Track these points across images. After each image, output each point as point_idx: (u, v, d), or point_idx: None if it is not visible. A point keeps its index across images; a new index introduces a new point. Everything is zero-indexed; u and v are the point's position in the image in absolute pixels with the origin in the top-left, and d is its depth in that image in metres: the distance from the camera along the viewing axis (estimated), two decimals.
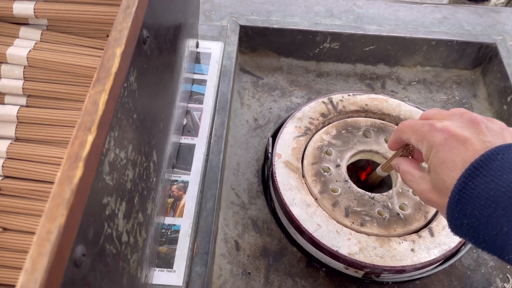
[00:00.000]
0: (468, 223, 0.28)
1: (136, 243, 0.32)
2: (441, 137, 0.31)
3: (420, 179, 0.34)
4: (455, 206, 0.29)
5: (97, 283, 0.25)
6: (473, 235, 0.28)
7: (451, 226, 0.30)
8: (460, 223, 0.29)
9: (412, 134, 0.35)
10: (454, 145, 0.30)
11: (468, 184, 0.28)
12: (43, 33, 0.40)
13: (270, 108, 0.59)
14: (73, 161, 0.23)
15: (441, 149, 0.31)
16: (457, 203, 0.28)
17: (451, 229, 0.30)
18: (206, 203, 0.47)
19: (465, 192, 0.28)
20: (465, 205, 0.28)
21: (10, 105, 0.38)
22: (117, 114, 0.27)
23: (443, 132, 0.31)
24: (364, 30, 0.62)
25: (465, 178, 0.28)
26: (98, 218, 0.25)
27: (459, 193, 0.28)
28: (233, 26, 0.62)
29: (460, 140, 0.30)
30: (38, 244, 0.20)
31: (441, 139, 0.31)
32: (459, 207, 0.28)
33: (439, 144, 0.31)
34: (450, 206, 0.29)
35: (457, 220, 0.29)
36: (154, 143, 0.36)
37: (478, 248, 0.29)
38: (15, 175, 0.37)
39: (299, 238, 0.47)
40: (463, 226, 0.29)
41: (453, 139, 0.30)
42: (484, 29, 0.66)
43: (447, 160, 0.30)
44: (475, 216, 0.27)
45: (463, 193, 0.28)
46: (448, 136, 0.31)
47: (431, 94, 0.63)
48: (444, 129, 0.31)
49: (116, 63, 0.27)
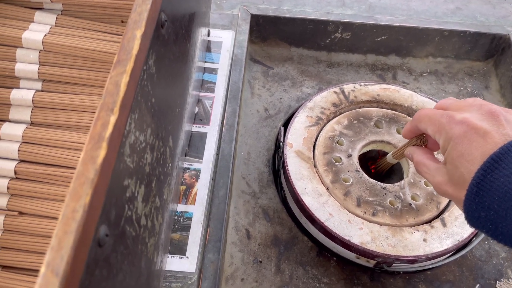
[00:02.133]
0: (486, 216, 0.28)
1: (153, 227, 0.32)
2: (460, 129, 0.31)
3: (435, 171, 0.34)
4: (472, 199, 0.28)
5: (118, 264, 0.25)
6: (491, 228, 0.28)
7: (467, 219, 0.30)
8: (478, 215, 0.29)
9: (430, 124, 0.34)
10: (473, 138, 0.29)
11: (487, 177, 0.27)
12: (58, 17, 0.40)
13: (280, 98, 0.59)
14: (96, 141, 0.23)
15: (460, 142, 0.30)
16: (475, 196, 0.28)
17: (468, 222, 0.30)
18: (218, 191, 0.47)
19: (484, 185, 0.27)
20: (483, 198, 0.28)
21: (25, 90, 0.38)
22: (137, 96, 0.27)
23: (462, 125, 0.31)
24: (376, 20, 0.62)
25: (483, 171, 0.28)
26: (120, 200, 0.25)
27: (478, 186, 0.28)
28: (244, 15, 0.62)
29: (480, 133, 0.29)
30: (64, 223, 0.20)
31: (460, 132, 0.31)
32: (477, 200, 0.28)
33: (458, 137, 0.30)
34: (468, 199, 0.29)
35: (475, 213, 0.29)
36: (170, 129, 0.36)
37: (495, 240, 0.29)
38: (30, 159, 0.37)
39: (310, 227, 0.47)
40: (480, 218, 0.29)
41: (472, 132, 0.30)
42: (497, 20, 0.65)
43: (465, 154, 0.29)
44: (493, 209, 0.27)
45: (482, 186, 0.28)
46: (468, 129, 0.30)
47: (442, 86, 0.62)
48: (463, 122, 0.31)
49: (136, 45, 0.27)
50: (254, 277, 0.45)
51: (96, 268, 0.22)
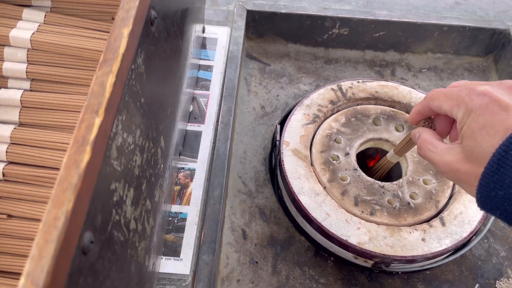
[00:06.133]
0: (504, 195, 0.26)
1: (144, 230, 0.31)
2: (482, 101, 0.29)
3: (445, 150, 0.32)
4: (491, 176, 0.27)
5: (105, 271, 0.24)
6: (508, 209, 0.26)
7: (481, 199, 0.28)
8: (495, 195, 0.27)
9: (445, 100, 0.32)
10: (496, 110, 0.28)
11: (509, 153, 0.26)
12: (46, 15, 0.39)
13: (277, 95, 0.58)
14: (80, 144, 0.22)
15: (482, 113, 0.28)
16: (495, 172, 0.26)
17: (480, 202, 0.28)
18: (213, 191, 0.46)
19: (505, 161, 0.26)
20: (503, 175, 0.26)
21: (13, 89, 0.37)
22: (125, 97, 0.26)
23: (484, 96, 0.29)
24: (374, 15, 0.61)
25: (506, 147, 0.26)
26: (106, 205, 0.24)
27: (498, 162, 0.26)
28: (240, 10, 0.61)
29: (503, 106, 0.28)
30: (44, 231, 0.19)
31: (482, 103, 0.29)
32: (496, 177, 0.26)
33: (480, 108, 0.29)
34: (486, 175, 0.27)
35: (491, 192, 0.27)
36: (162, 129, 0.35)
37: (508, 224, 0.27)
38: (19, 161, 0.36)
39: (307, 227, 0.46)
40: (497, 198, 0.27)
41: (495, 104, 0.28)
42: (497, 14, 0.64)
43: (487, 126, 0.28)
44: None
45: (503, 162, 0.26)
46: (490, 101, 0.29)
47: (441, 82, 0.61)
48: (485, 93, 0.29)
49: (123, 43, 0.26)
50: (250, 278, 0.44)
51: (81, 276, 0.21)
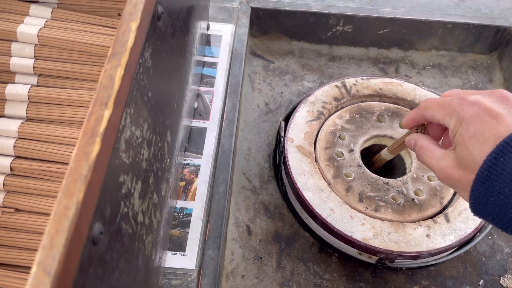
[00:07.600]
0: (495, 201, 0.27)
1: (151, 224, 0.31)
2: (473, 110, 0.30)
3: (441, 156, 0.33)
4: (482, 183, 0.27)
5: (114, 262, 0.24)
6: (499, 214, 0.27)
7: (473, 205, 0.29)
8: (486, 201, 0.27)
9: (438, 109, 0.33)
10: (486, 119, 0.29)
11: (500, 160, 0.26)
12: (53, 11, 0.39)
13: (281, 92, 0.58)
14: (89, 136, 0.22)
15: (472, 122, 0.29)
16: (486, 179, 0.27)
17: (473, 208, 0.29)
18: (218, 187, 0.46)
19: (496, 168, 0.27)
20: (494, 182, 0.27)
21: (21, 84, 0.38)
22: (133, 90, 0.26)
23: (474, 105, 0.30)
24: (378, 13, 0.61)
25: (496, 154, 0.27)
26: (115, 197, 0.24)
27: (489, 169, 0.27)
28: (244, 8, 0.61)
29: (492, 114, 0.29)
30: (55, 221, 0.19)
31: (472, 112, 0.30)
32: (487, 184, 0.27)
33: (470, 117, 0.30)
34: (477, 182, 0.28)
35: (483, 198, 0.28)
36: (168, 124, 0.35)
37: (499, 229, 0.28)
38: (26, 155, 0.36)
39: (311, 223, 0.46)
40: (488, 204, 0.27)
41: (485, 113, 0.29)
42: (502, 12, 0.64)
43: (477, 134, 0.29)
44: (504, 194, 0.26)
45: (493, 169, 0.27)
46: (480, 110, 0.30)
47: (445, 79, 0.61)
48: (476, 103, 0.30)
49: (131, 37, 0.26)
50: (255, 273, 0.44)
51: (91, 266, 0.21)
